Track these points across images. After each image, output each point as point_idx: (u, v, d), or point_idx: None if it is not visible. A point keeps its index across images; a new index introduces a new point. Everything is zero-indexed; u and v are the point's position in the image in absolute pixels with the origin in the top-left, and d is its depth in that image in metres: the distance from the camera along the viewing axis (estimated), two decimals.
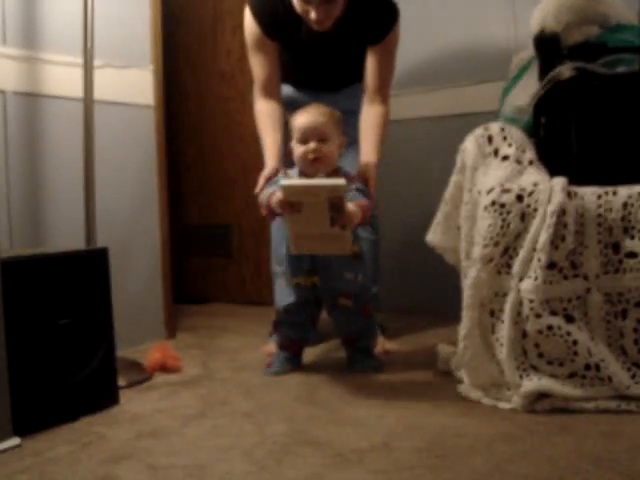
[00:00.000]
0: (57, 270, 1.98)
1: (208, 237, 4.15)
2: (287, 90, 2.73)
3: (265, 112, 2.52)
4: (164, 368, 2.46)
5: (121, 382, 2.20)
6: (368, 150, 2.42)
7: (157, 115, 3.03)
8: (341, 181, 1.94)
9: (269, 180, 2.30)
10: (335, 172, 2.25)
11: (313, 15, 2.31)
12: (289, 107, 2.56)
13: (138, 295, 2.94)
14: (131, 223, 2.93)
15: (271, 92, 2.54)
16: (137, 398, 2.17)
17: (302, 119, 2.23)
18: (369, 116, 2.49)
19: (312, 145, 2.18)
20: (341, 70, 2.68)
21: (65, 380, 1.96)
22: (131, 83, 2.91)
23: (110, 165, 2.76)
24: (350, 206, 2.02)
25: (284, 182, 1.99)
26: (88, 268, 2.07)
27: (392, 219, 3.35)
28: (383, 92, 2.52)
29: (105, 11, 2.66)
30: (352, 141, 2.44)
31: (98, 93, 2.47)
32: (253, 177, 3.62)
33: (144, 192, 3.00)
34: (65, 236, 2.58)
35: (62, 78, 2.60)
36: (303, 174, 2.26)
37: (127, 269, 2.85)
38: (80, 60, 2.40)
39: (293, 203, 1.97)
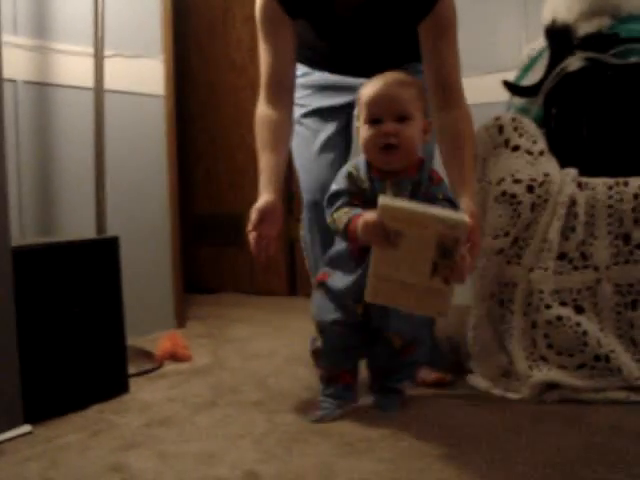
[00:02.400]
0: (68, 259, 1.99)
1: (218, 227, 4.16)
2: (317, 76, 2.20)
3: (266, 122, 1.98)
4: (174, 357, 2.48)
5: (131, 370, 2.21)
6: (461, 186, 1.74)
7: (167, 105, 3.03)
8: (464, 218, 1.45)
9: (266, 216, 1.88)
10: (417, 166, 1.72)
11: None
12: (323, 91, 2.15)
13: (148, 284, 2.95)
14: (141, 212, 2.94)
15: (279, 96, 1.97)
16: (147, 386, 2.17)
17: (372, 89, 1.67)
18: (447, 127, 1.83)
19: (387, 126, 1.64)
20: (390, 50, 2.04)
21: (76, 368, 1.97)
22: (141, 73, 2.91)
23: (120, 154, 2.77)
24: (465, 255, 1.51)
25: (385, 200, 1.48)
26: (99, 257, 2.08)
27: None
28: (453, 87, 1.85)
29: (116, 1, 2.67)
30: None
31: (109, 82, 2.47)
32: None
33: (154, 181, 3.00)
34: (76, 225, 2.59)
35: (73, 68, 2.61)
36: (374, 169, 1.71)
37: (137, 258, 2.85)
38: (91, 50, 2.40)
39: (391, 232, 1.46)
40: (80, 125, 2.61)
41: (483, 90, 3.18)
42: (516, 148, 2.06)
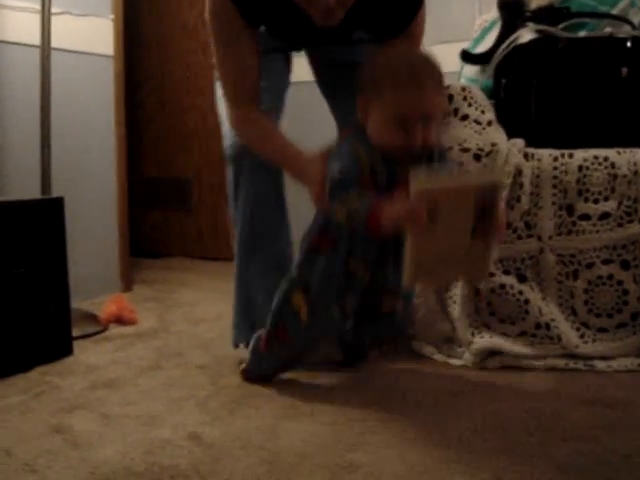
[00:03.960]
0: (12, 219, 1.95)
1: (167, 190, 4.12)
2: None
3: (252, 124, 1.81)
4: (119, 320, 2.46)
5: (76, 333, 2.19)
6: None
7: (116, 65, 2.98)
8: (498, 175, 1.45)
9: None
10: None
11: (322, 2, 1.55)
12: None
13: (95, 247, 2.92)
14: (88, 174, 2.90)
15: (252, 99, 1.80)
16: (92, 349, 2.16)
17: (413, 94, 1.48)
18: None
19: (417, 134, 1.47)
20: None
21: (19, 330, 1.95)
22: (90, 31, 2.86)
23: (67, 114, 2.73)
24: (502, 210, 1.46)
25: (419, 183, 1.33)
26: (43, 218, 2.05)
27: None
28: None
29: None
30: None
31: (56, 41, 2.42)
32: (213, 130, 3.61)
33: (102, 143, 2.96)
34: (21, 185, 2.54)
35: (19, 24, 2.55)
36: (384, 157, 1.54)
37: (83, 221, 2.82)
38: (38, 6, 2.34)
39: (428, 213, 1.33)
40: (26, 83, 2.54)
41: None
42: (465, 117, 2.07)
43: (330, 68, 2.06)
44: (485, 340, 1.93)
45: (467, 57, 2.51)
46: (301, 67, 2.16)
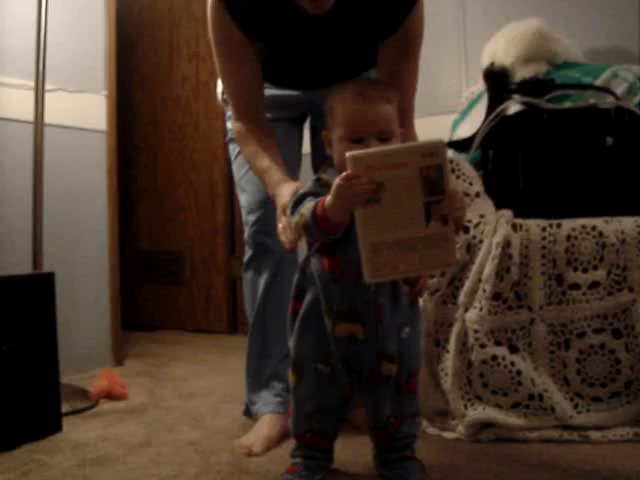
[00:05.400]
0: (2, 294, 1.95)
1: (159, 264, 4.13)
2: (266, 92, 1.91)
3: (247, 135, 1.81)
4: (110, 395, 2.44)
5: (65, 409, 2.17)
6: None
7: (110, 140, 3.02)
8: (438, 139, 1.34)
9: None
10: None
11: None
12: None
13: (86, 321, 2.91)
14: (80, 248, 2.91)
15: (252, 113, 1.82)
16: (81, 425, 2.13)
17: (353, 105, 1.49)
18: None
19: (373, 147, 1.42)
20: (350, 63, 1.87)
21: (6, 406, 1.93)
22: (84, 108, 2.90)
23: (60, 189, 2.75)
24: (455, 186, 1.40)
25: (354, 152, 1.33)
26: (34, 293, 2.05)
27: None
28: (407, 107, 1.79)
29: (60, 35, 2.68)
30: None
31: (50, 117, 2.46)
32: (205, 204, 3.64)
33: (94, 217, 2.98)
34: (12, 260, 2.55)
35: (13, 101, 2.60)
36: None
37: (75, 295, 2.82)
38: (32, 83, 2.38)
39: (371, 187, 1.32)
40: (19, 159, 2.58)
41: (423, 132, 3.23)
42: None
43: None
44: (478, 412, 1.92)
45: (453, 145, 2.55)
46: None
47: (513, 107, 2.37)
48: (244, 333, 3.51)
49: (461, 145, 2.50)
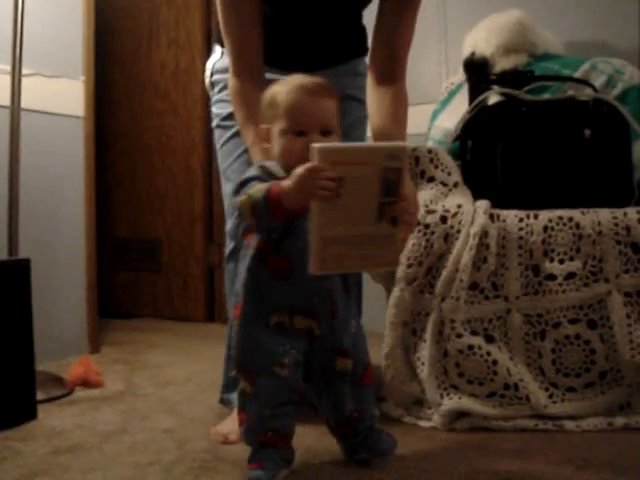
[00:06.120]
0: None
1: (137, 251, 4.11)
2: None
3: (240, 98, 1.81)
4: (86, 383, 2.42)
5: (40, 396, 2.16)
6: (387, 122, 1.75)
7: (87, 126, 2.99)
8: (401, 143, 1.39)
9: None
10: None
11: None
12: None
13: (62, 308, 2.89)
14: (56, 235, 2.88)
15: (247, 67, 1.80)
16: (56, 413, 2.12)
17: (295, 96, 1.51)
18: (383, 94, 1.81)
19: (315, 142, 1.40)
20: (341, 35, 1.96)
21: None
22: (61, 93, 2.87)
23: (36, 175, 2.72)
24: (408, 191, 1.41)
25: (320, 144, 1.35)
26: (9, 279, 2.03)
27: None
28: (401, 62, 1.84)
29: (37, 19, 2.64)
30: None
31: (26, 102, 2.43)
32: (183, 192, 3.63)
33: (71, 204, 2.95)
34: None
35: None
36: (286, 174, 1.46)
37: (51, 281, 2.80)
38: (8, 67, 2.36)
39: (335, 182, 1.33)
40: None
41: None
42: (431, 179, 2.09)
43: None
44: (454, 401, 1.93)
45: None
46: None
47: (493, 98, 2.38)
48: (222, 322, 3.53)
49: None
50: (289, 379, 1.54)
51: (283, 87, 1.55)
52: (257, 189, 1.43)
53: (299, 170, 1.34)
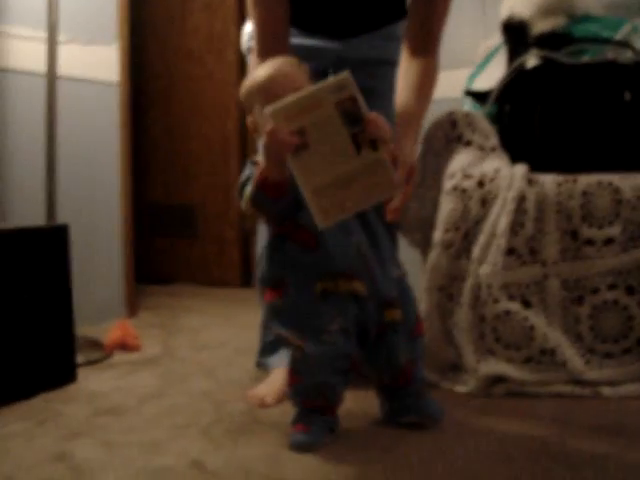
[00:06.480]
0: (17, 246, 1.96)
1: (173, 217, 4.14)
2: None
3: None
4: (124, 346, 2.46)
5: (80, 360, 2.19)
6: (409, 96, 1.74)
7: (122, 92, 3.00)
8: (342, 74, 1.36)
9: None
10: None
11: None
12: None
13: (100, 273, 2.93)
14: (93, 200, 2.91)
15: (274, 49, 1.74)
16: (95, 376, 2.16)
17: (269, 74, 1.53)
18: (413, 68, 1.79)
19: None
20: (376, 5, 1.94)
21: (23, 357, 1.95)
22: (96, 59, 2.89)
23: (73, 142, 2.74)
24: (371, 113, 1.39)
25: (270, 107, 1.36)
26: (48, 245, 2.06)
27: None
28: (436, 35, 1.82)
29: None
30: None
31: (62, 69, 2.45)
32: (218, 157, 3.63)
33: (107, 170, 2.98)
34: (26, 212, 2.55)
35: (26, 52, 2.58)
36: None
37: (89, 246, 2.83)
38: (45, 35, 2.37)
39: (295, 134, 1.36)
40: (32, 111, 2.56)
41: (440, 86, 3.20)
42: (468, 143, 2.07)
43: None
44: (490, 367, 1.92)
45: (472, 94, 2.51)
46: None
47: (531, 61, 2.34)
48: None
49: (480, 97, 2.47)
50: (340, 347, 1.55)
51: (256, 73, 1.56)
52: (249, 187, 1.49)
53: (262, 141, 1.38)
